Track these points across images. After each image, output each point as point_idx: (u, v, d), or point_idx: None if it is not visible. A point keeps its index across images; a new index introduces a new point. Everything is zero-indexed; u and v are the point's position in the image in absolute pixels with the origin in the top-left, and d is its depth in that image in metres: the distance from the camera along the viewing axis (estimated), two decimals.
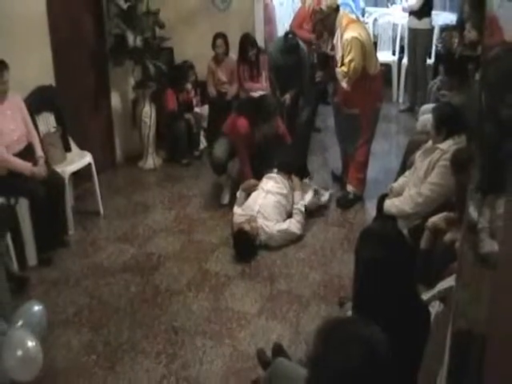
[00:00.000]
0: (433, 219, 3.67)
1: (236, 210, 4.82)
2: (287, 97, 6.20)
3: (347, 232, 4.83)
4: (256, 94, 6.04)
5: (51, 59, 5.17)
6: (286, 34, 6.22)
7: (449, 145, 3.94)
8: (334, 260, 4.45)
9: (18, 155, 4.39)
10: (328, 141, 6.64)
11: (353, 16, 6.01)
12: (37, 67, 4.95)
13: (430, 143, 4.17)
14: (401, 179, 4.42)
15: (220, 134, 5.45)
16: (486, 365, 1.28)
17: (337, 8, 4.91)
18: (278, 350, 3.23)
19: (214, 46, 6.37)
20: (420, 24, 7.18)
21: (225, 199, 5.38)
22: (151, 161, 6.30)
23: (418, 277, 2.52)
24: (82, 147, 5.22)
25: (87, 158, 5.08)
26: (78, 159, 5.05)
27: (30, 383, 3.14)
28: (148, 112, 6.14)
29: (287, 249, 4.62)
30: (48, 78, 5.09)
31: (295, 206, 4.84)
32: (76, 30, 5.53)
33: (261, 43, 6.62)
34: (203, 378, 3.32)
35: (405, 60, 7.77)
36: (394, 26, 8.21)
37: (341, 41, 4.81)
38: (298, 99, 6.30)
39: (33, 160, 4.46)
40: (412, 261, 2.40)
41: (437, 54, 7.37)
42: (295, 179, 5.07)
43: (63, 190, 4.64)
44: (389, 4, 8.92)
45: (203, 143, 6.63)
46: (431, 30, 7.39)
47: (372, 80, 4.95)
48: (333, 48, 5.01)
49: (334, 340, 1.65)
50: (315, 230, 4.90)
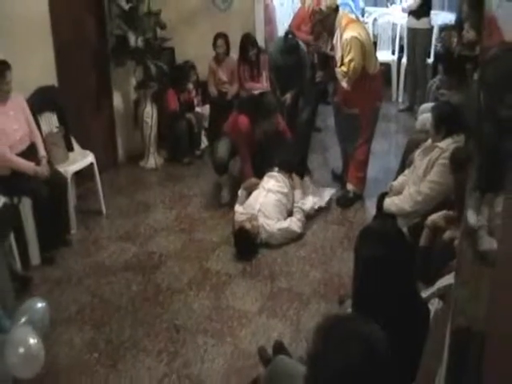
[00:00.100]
0: (432, 217, 3.67)
1: (237, 209, 4.84)
2: (288, 97, 6.22)
3: (347, 230, 4.85)
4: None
5: (53, 60, 5.19)
6: (286, 34, 6.23)
7: (448, 143, 3.95)
8: (334, 258, 4.47)
9: (21, 155, 4.41)
10: (328, 140, 6.66)
11: (352, 16, 6.02)
12: (39, 67, 4.97)
13: (430, 142, 4.18)
14: (400, 178, 4.43)
15: (221, 134, 5.47)
16: (485, 362, 1.28)
17: (336, 8, 4.92)
18: (279, 348, 3.24)
19: (215, 46, 6.39)
20: (419, 24, 7.19)
21: (224, 198, 5.39)
22: (153, 160, 6.33)
23: (418, 274, 2.52)
24: (84, 147, 5.24)
25: (89, 158, 5.10)
26: (81, 159, 5.07)
27: (32, 381, 3.16)
28: (149, 112, 6.16)
29: (288, 247, 4.64)
30: (50, 79, 5.11)
31: (296, 205, 4.86)
32: (78, 31, 5.56)
33: (261, 43, 6.63)
34: (204, 376, 3.33)
35: (404, 59, 7.76)
36: (394, 26, 8.20)
37: (340, 41, 4.82)
38: (298, 99, 6.31)
39: (35, 160, 4.48)
40: (411, 259, 2.39)
41: (436, 54, 7.37)
42: (296, 178, 5.11)
43: (66, 190, 4.67)
44: (388, 4, 8.92)
45: (204, 143, 6.65)
46: (430, 30, 7.39)
47: (372, 80, 4.97)
48: (332, 48, 5.03)
49: (334, 338, 1.64)
50: (315, 229, 4.92)
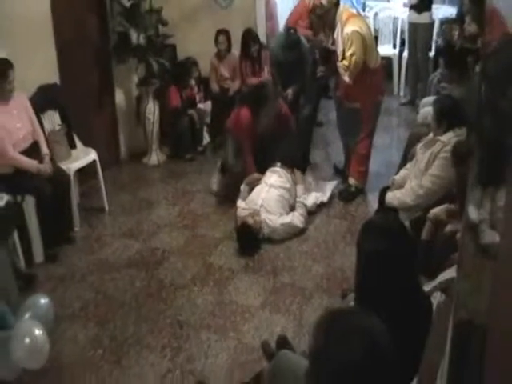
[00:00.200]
0: (434, 211, 3.68)
1: (239, 204, 4.84)
2: (289, 92, 6.21)
3: (349, 225, 4.86)
4: None
5: (56, 58, 5.20)
6: (288, 30, 6.22)
7: (449, 137, 3.95)
8: (337, 252, 4.48)
9: (24, 153, 4.42)
10: (330, 135, 6.66)
11: (353, 10, 6.01)
12: (41, 66, 4.98)
13: (431, 135, 4.18)
14: (402, 172, 4.44)
15: (224, 131, 5.47)
16: (487, 355, 1.28)
17: (337, 2, 4.92)
18: (283, 342, 3.25)
19: (217, 43, 6.40)
20: (420, 18, 7.17)
21: (215, 185, 5.42)
22: (155, 157, 6.34)
23: (420, 268, 2.53)
24: (87, 144, 5.25)
25: (92, 155, 5.11)
26: (83, 156, 5.08)
27: (38, 376, 3.19)
28: (152, 109, 6.17)
29: (290, 242, 4.65)
30: (52, 77, 5.12)
31: (298, 200, 4.87)
32: (80, 29, 5.56)
33: (263, 39, 6.62)
34: (208, 372, 3.34)
35: (405, 53, 7.75)
36: (395, 20, 8.20)
37: (341, 35, 4.82)
38: (300, 95, 6.31)
39: (38, 157, 4.50)
40: (413, 253, 2.39)
41: (437, 47, 7.36)
42: (298, 173, 5.11)
43: (69, 187, 4.68)
44: None
45: (206, 139, 6.67)
46: (431, 24, 7.38)
47: (373, 74, 4.96)
48: (334, 42, 5.02)
49: (335, 331, 1.63)
50: (318, 223, 4.93)
